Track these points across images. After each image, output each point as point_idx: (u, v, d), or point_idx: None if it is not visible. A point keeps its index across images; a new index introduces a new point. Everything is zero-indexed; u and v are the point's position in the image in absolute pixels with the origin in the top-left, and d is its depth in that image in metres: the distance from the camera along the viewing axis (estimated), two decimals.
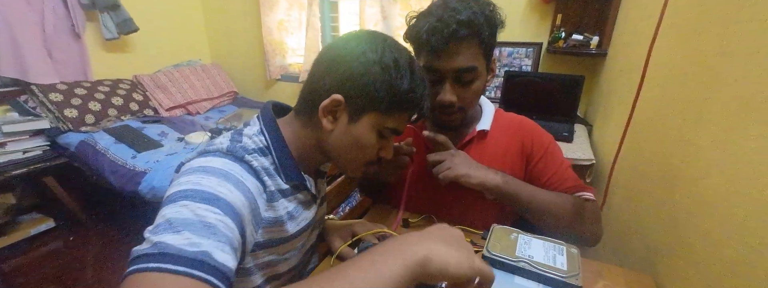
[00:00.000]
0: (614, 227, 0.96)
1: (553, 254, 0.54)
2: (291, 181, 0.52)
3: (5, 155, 1.65)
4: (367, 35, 0.51)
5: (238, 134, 0.52)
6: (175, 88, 2.31)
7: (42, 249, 1.78)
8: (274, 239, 0.52)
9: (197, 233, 0.35)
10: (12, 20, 1.73)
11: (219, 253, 0.35)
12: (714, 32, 0.62)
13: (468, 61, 0.65)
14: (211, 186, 0.40)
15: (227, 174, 0.43)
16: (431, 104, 0.71)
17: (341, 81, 0.49)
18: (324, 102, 0.49)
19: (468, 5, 0.63)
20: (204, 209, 0.37)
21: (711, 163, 0.57)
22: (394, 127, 0.52)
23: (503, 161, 0.75)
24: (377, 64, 0.48)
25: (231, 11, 2.60)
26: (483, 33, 0.64)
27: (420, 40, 0.65)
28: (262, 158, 0.50)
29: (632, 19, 1.24)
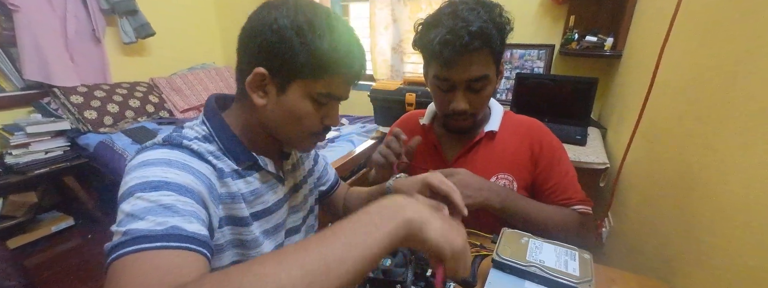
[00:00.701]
0: (628, 233, 0.93)
1: (565, 259, 0.53)
2: (241, 162, 0.52)
3: (29, 155, 1.71)
4: (280, 1, 0.49)
5: (180, 127, 0.53)
6: (190, 90, 2.36)
7: (62, 246, 1.84)
8: (233, 217, 0.52)
9: (159, 215, 0.37)
10: (37, 26, 1.79)
11: (187, 224, 0.37)
12: (733, 34, 0.61)
13: (480, 71, 0.65)
14: (155, 174, 0.41)
15: (169, 161, 0.44)
16: (444, 111, 0.72)
17: (260, 53, 0.47)
18: (248, 78, 0.48)
19: (478, 15, 0.62)
20: (156, 195, 0.39)
21: (731, 167, 0.55)
22: (327, 91, 0.50)
23: (511, 162, 0.75)
24: (290, 29, 0.46)
25: (244, 15, 2.62)
26: (494, 42, 0.64)
27: (432, 51, 0.65)
28: (204, 144, 0.50)
29: (646, 19, 1.22)
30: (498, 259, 0.53)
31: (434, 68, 0.67)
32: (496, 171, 0.75)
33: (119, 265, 0.34)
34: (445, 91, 0.69)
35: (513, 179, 0.75)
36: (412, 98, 1.64)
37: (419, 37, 0.68)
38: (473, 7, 0.64)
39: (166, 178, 0.41)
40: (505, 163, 0.75)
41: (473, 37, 0.61)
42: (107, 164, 1.74)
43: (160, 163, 0.43)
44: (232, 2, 2.67)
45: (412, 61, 2.26)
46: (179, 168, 0.43)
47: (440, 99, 0.71)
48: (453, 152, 0.80)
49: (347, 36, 0.50)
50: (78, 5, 1.95)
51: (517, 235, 0.59)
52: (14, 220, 1.72)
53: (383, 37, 2.21)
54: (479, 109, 0.72)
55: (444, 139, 0.82)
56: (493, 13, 0.64)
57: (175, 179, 0.41)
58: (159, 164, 0.42)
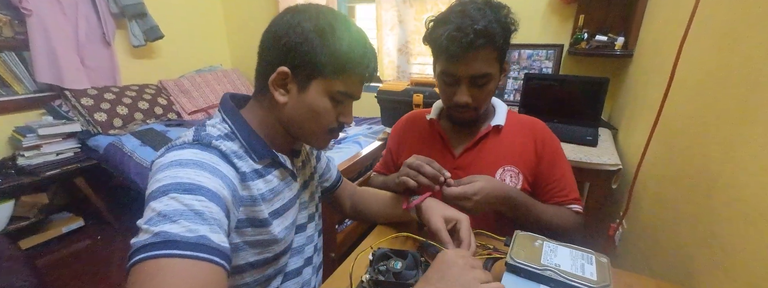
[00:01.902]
0: (644, 236, 0.91)
1: (582, 263, 0.51)
2: (263, 159, 0.55)
3: (41, 157, 1.73)
4: (303, 7, 0.53)
5: (202, 126, 0.54)
6: (198, 92, 2.38)
7: (72, 246, 1.86)
8: (252, 218, 0.53)
9: (192, 221, 0.38)
10: (49, 30, 1.82)
11: (214, 235, 0.39)
12: (754, 33, 0.59)
13: (483, 68, 0.69)
14: (189, 177, 0.42)
15: (201, 163, 0.45)
16: (448, 103, 0.77)
17: (284, 53, 0.51)
18: (272, 76, 0.51)
19: (484, 14, 0.66)
20: (190, 199, 0.40)
21: (752, 169, 0.53)
22: (344, 90, 0.54)
23: (517, 156, 0.78)
24: (313, 32, 0.50)
25: (251, 18, 2.67)
26: (498, 41, 0.67)
27: (439, 46, 0.68)
28: (228, 143, 0.51)
29: (660, 18, 1.19)
30: (512, 263, 0.52)
31: (441, 63, 0.72)
32: (502, 163, 0.78)
33: (150, 267, 0.34)
34: (449, 85, 0.73)
35: (518, 171, 0.77)
36: (420, 99, 1.63)
37: (429, 32, 0.72)
38: (481, 7, 0.67)
39: (199, 182, 0.42)
40: (511, 156, 0.78)
41: (478, 35, 0.64)
42: (116, 165, 1.75)
43: (193, 164, 0.44)
44: (240, 5, 2.69)
45: (418, 62, 2.25)
46: (210, 171, 0.44)
47: (445, 92, 0.76)
48: (460, 145, 0.82)
49: (362, 39, 0.55)
50: (89, 9, 1.98)
51: (531, 237, 0.58)
52: (26, 220, 1.74)
53: (389, 38, 2.21)
54: (481, 104, 0.75)
55: (451, 133, 0.85)
56: (499, 14, 0.67)
57: (206, 184, 0.42)
58: (191, 166, 0.44)
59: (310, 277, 0.70)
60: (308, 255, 0.70)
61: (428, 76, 2.20)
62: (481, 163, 0.79)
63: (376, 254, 0.59)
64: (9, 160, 1.74)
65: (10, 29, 1.78)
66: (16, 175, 1.69)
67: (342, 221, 1.45)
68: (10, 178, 1.65)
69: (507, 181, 0.77)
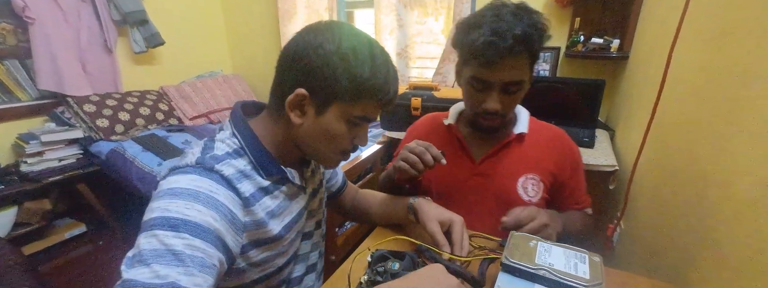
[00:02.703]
0: (641, 236, 0.92)
1: (575, 262, 0.52)
2: (272, 176, 0.54)
3: (43, 163, 1.75)
4: (325, 26, 0.51)
5: (211, 141, 0.53)
6: (198, 98, 2.40)
7: (74, 252, 1.87)
8: (261, 239, 0.53)
9: (164, 264, 0.37)
10: (51, 38, 1.85)
11: (186, 278, 0.37)
12: (743, 35, 0.60)
13: (518, 75, 0.67)
14: (178, 210, 0.41)
15: (196, 193, 0.44)
16: (475, 110, 0.74)
17: (303, 75, 0.49)
18: (289, 97, 0.50)
19: (520, 18, 0.63)
20: (171, 237, 0.39)
21: (743, 168, 0.54)
22: (363, 115, 0.52)
23: (538, 164, 0.78)
24: (335, 55, 0.48)
25: (251, 24, 2.70)
26: (535, 47, 0.65)
27: (473, 51, 0.65)
28: (236, 161, 0.51)
29: (654, 20, 1.21)
30: (507, 263, 0.53)
31: (472, 68, 0.68)
32: (524, 172, 0.77)
33: None
34: (479, 91, 0.71)
35: (539, 180, 0.77)
36: (418, 102, 1.64)
37: (461, 36, 0.69)
38: (516, 12, 0.64)
39: (187, 216, 0.41)
40: (532, 165, 0.78)
41: (517, 41, 0.62)
42: (118, 171, 1.77)
43: (187, 195, 0.43)
44: (240, 11, 2.72)
45: (417, 66, 2.27)
46: (204, 202, 0.44)
47: (473, 98, 0.73)
48: (480, 152, 0.81)
49: (386, 63, 0.52)
50: (91, 17, 2.01)
51: (526, 238, 0.59)
52: (29, 226, 1.75)
53: (388, 43, 2.23)
54: (509, 111, 0.74)
55: (470, 139, 0.83)
56: (534, 19, 0.65)
57: (194, 217, 0.42)
58: (185, 197, 0.43)
59: (313, 283, 0.71)
60: (312, 262, 0.70)
61: (427, 79, 2.22)
62: (503, 171, 0.78)
63: (374, 256, 0.60)
64: (12, 167, 1.76)
65: (13, 37, 1.81)
66: (19, 181, 1.70)
67: (342, 224, 1.46)
68: (13, 185, 1.67)
69: (529, 189, 0.77)
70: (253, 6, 2.62)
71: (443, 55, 2.06)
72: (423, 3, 2.07)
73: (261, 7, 2.58)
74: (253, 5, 2.62)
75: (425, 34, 2.16)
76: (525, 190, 0.77)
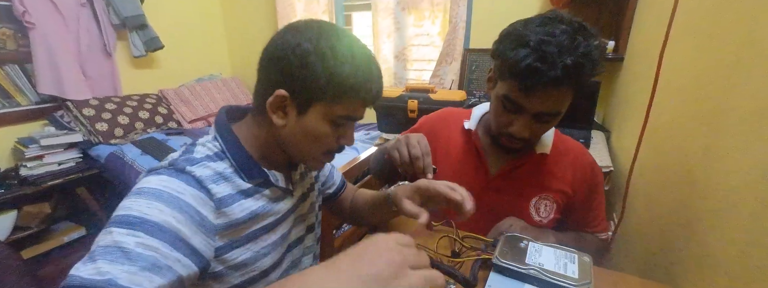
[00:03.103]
0: (635, 237, 0.93)
1: (565, 262, 0.53)
2: (253, 179, 0.53)
3: (43, 167, 1.76)
4: (304, 25, 0.50)
5: (193, 144, 0.53)
6: (197, 101, 2.41)
7: (74, 256, 1.87)
8: (237, 240, 0.52)
9: (109, 260, 0.37)
10: (51, 42, 1.86)
11: (126, 276, 0.37)
12: (728, 37, 0.61)
13: (557, 106, 0.61)
14: (139, 209, 0.41)
15: (160, 192, 0.44)
16: (500, 130, 0.68)
17: (282, 75, 0.48)
18: (269, 99, 0.49)
19: (576, 44, 0.55)
20: (125, 234, 0.39)
21: (729, 168, 0.55)
22: (346, 114, 0.51)
23: (554, 185, 0.75)
24: (313, 54, 0.47)
25: (250, 27, 2.72)
26: (584, 79, 0.58)
27: (513, 71, 0.59)
28: (215, 164, 0.50)
29: (647, 23, 1.22)
30: (498, 263, 0.53)
31: (508, 87, 0.62)
32: (539, 192, 0.74)
33: None
34: (509, 112, 0.65)
35: (553, 201, 0.75)
36: (415, 105, 1.66)
37: (502, 48, 0.62)
38: (572, 35, 0.56)
39: (145, 215, 0.41)
40: (548, 186, 0.74)
41: (566, 73, 0.55)
42: (117, 175, 1.78)
43: (150, 194, 0.43)
44: (240, 14, 2.74)
45: (415, 68, 2.29)
46: (166, 202, 0.43)
47: (501, 117, 0.67)
48: (497, 166, 0.77)
49: (367, 61, 0.50)
50: (90, 21, 2.02)
51: (517, 238, 0.59)
52: (29, 230, 1.76)
53: (386, 46, 2.25)
54: (537, 138, 0.70)
55: (489, 150, 0.78)
56: (591, 45, 0.56)
57: (154, 217, 0.41)
58: (148, 196, 0.43)
59: None
60: (304, 266, 0.70)
61: (424, 82, 2.23)
62: (517, 189, 0.75)
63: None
64: (12, 171, 1.77)
65: (13, 42, 1.82)
66: (18, 185, 1.71)
67: (340, 226, 1.46)
68: (13, 189, 1.68)
69: (541, 210, 0.75)
70: (252, 10, 2.65)
71: (440, 57, 2.07)
72: (419, 7, 2.09)
73: (260, 11, 2.60)
74: (252, 9, 2.64)
75: (422, 37, 2.18)
76: (537, 211, 0.75)
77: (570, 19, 0.59)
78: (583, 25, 0.58)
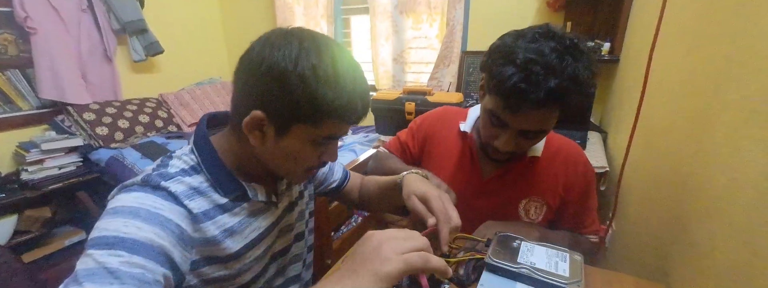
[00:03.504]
0: (628, 236, 0.93)
1: (556, 261, 0.54)
2: (230, 193, 0.51)
3: (44, 171, 1.77)
4: (281, 38, 0.45)
5: (168, 157, 0.51)
6: (197, 104, 2.43)
7: (74, 259, 1.85)
8: (216, 257, 0.50)
9: (98, 282, 0.36)
10: (52, 47, 1.88)
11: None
12: (716, 39, 0.62)
13: (542, 125, 0.61)
14: (116, 229, 0.40)
15: (136, 210, 0.42)
16: (487, 141, 0.69)
17: (258, 96, 0.44)
18: (245, 119, 0.45)
19: (565, 64, 0.54)
20: (106, 255, 0.38)
21: (718, 167, 0.56)
22: (329, 134, 0.48)
23: (545, 188, 0.75)
24: (293, 75, 0.42)
25: (249, 31, 2.73)
26: (570, 102, 0.56)
27: (498, 89, 0.58)
28: (190, 178, 0.48)
29: (640, 24, 1.24)
30: (490, 262, 0.54)
31: (494, 103, 0.61)
32: (529, 194, 0.75)
33: None
34: (495, 126, 0.65)
35: (543, 203, 0.76)
36: (412, 107, 1.67)
37: (491, 63, 0.60)
38: (562, 53, 0.54)
39: (124, 233, 0.40)
40: (539, 188, 0.75)
41: (549, 96, 0.54)
42: (118, 178, 1.79)
43: (127, 213, 0.42)
44: (239, 18, 2.76)
45: (413, 70, 2.30)
46: (144, 219, 0.42)
47: (488, 130, 0.67)
48: (489, 169, 0.78)
49: (352, 78, 0.46)
50: (91, 26, 2.05)
51: (510, 238, 0.60)
52: (29, 234, 1.77)
53: (384, 48, 2.26)
54: (525, 150, 0.71)
55: (482, 153, 0.78)
56: (579, 65, 0.55)
57: (134, 234, 0.40)
58: (124, 215, 0.41)
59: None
60: (295, 273, 0.69)
61: (422, 84, 2.25)
62: (508, 192, 0.76)
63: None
64: (12, 175, 1.78)
65: (15, 48, 1.84)
66: (19, 189, 1.72)
67: (338, 228, 1.47)
68: (14, 193, 1.69)
69: (531, 212, 0.76)
70: (251, 13, 2.67)
71: (438, 60, 2.09)
72: (417, 10, 2.11)
73: (259, 15, 2.62)
74: (251, 13, 2.66)
75: (420, 40, 2.19)
76: (526, 213, 0.76)
77: (562, 35, 0.57)
78: (574, 43, 0.56)
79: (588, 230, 0.78)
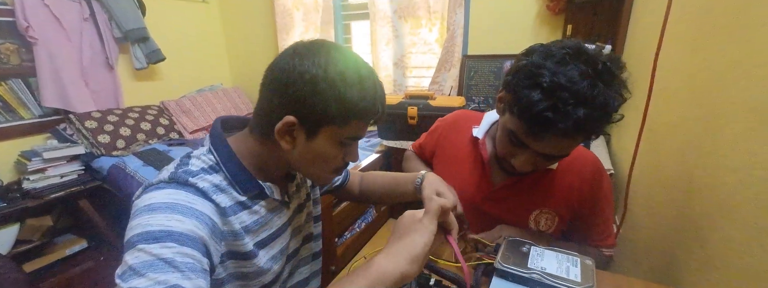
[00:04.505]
0: (636, 239, 0.92)
1: (567, 266, 0.53)
2: (248, 191, 0.53)
3: (45, 180, 1.76)
4: (309, 49, 0.49)
5: (187, 157, 0.53)
6: (199, 111, 2.43)
7: (75, 268, 1.86)
8: (236, 252, 0.52)
9: (160, 271, 0.38)
10: (55, 56, 1.89)
11: (187, 282, 0.38)
12: (722, 40, 0.62)
13: (563, 151, 0.59)
14: (160, 223, 0.41)
15: (173, 205, 0.44)
16: (503, 156, 0.67)
17: (291, 102, 0.48)
18: (277, 125, 0.49)
19: (595, 91, 0.50)
20: (159, 247, 0.39)
21: (727, 169, 0.55)
22: (353, 135, 0.52)
23: (557, 199, 0.72)
24: (323, 81, 0.47)
25: (250, 38, 2.75)
26: (598, 131, 0.55)
27: (523, 113, 0.55)
28: (211, 176, 0.50)
29: (642, 26, 1.24)
30: (500, 267, 0.53)
31: (515, 124, 0.58)
32: (540, 206, 0.73)
33: None
34: (513, 145, 0.62)
35: (555, 215, 0.73)
36: (414, 111, 1.66)
37: (515, 83, 0.57)
38: (594, 79, 0.51)
39: (169, 227, 0.41)
40: (551, 200, 0.72)
41: (577, 127, 0.51)
42: (120, 186, 1.78)
43: (165, 208, 0.43)
44: (239, 26, 2.77)
45: (414, 75, 2.30)
46: (183, 213, 0.44)
47: (506, 147, 0.65)
48: (500, 178, 0.76)
49: (373, 83, 0.51)
50: (93, 35, 2.05)
51: (519, 243, 0.59)
52: (31, 243, 1.75)
53: (385, 53, 2.27)
54: (542, 169, 0.69)
55: (494, 160, 0.76)
56: (610, 94, 0.52)
57: (177, 227, 0.42)
58: (163, 210, 0.43)
59: None
60: (302, 277, 0.70)
61: (423, 88, 2.25)
62: (518, 201, 0.73)
63: None
64: (14, 184, 1.77)
65: (17, 57, 1.84)
66: (21, 198, 1.71)
67: (342, 234, 1.46)
68: (16, 202, 1.68)
69: (541, 223, 0.73)
70: (252, 20, 2.68)
71: (439, 64, 2.09)
72: (416, 14, 2.12)
73: (259, 22, 2.64)
74: (252, 19, 2.68)
75: (420, 45, 2.20)
76: (536, 224, 0.74)
77: (595, 57, 0.53)
78: (606, 65, 0.53)
79: (603, 243, 0.74)
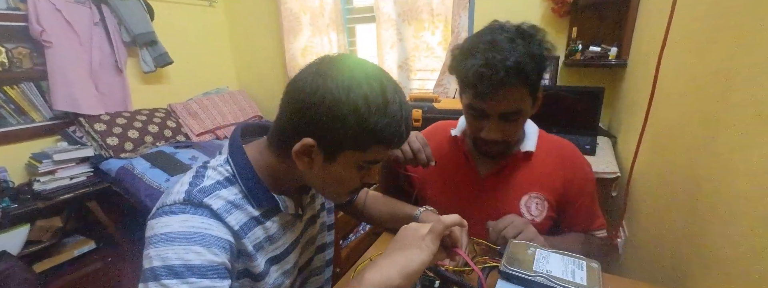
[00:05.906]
0: (642, 242, 0.92)
1: (572, 269, 0.53)
2: (262, 206, 0.52)
3: (55, 182, 1.79)
4: (332, 67, 0.46)
5: (204, 168, 0.52)
6: (205, 114, 2.46)
7: (84, 269, 1.89)
8: (248, 272, 0.53)
9: None
10: (66, 60, 1.92)
11: None
12: (727, 41, 0.62)
13: (514, 105, 0.65)
14: (179, 257, 0.42)
15: (189, 235, 0.44)
16: (475, 135, 0.73)
17: (310, 124, 0.46)
18: (296, 146, 0.47)
19: (515, 46, 0.60)
20: (180, 284, 0.40)
21: (734, 172, 0.55)
22: (374, 159, 0.50)
23: (544, 183, 0.76)
24: (346, 106, 0.44)
25: (256, 41, 2.78)
26: (531, 77, 0.62)
27: (466, 80, 0.64)
28: (226, 191, 0.49)
29: (647, 28, 1.23)
30: (505, 270, 0.53)
31: (468, 97, 0.67)
32: (529, 190, 0.76)
33: None
34: (477, 119, 0.69)
35: (544, 199, 0.76)
36: (419, 114, 1.67)
37: (456, 63, 0.67)
38: (512, 37, 0.61)
39: (188, 261, 0.42)
40: (538, 184, 0.76)
41: (509, 73, 0.59)
42: (127, 188, 1.81)
43: (182, 239, 0.43)
44: (246, 29, 2.80)
45: (418, 77, 2.31)
46: (200, 243, 0.44)
47: (473, 124, 0.72)
48: (486, 168, 0.79)
49: (399, 106, 0.47)
50: (103, 39, 2.09)
51: (524, 245, 0.59)
52: (40, 244, 1.78)
53: (390, 56, 2.28)
54: (512, 137, 0.72)
55: (476, 153, 0.81)
56: (531, 45, 0.61)
57: (196, 260, 0.42)
58: (180, 241, 0.43)
59: None
60: (316, 286, 0.71)
61: (427, 91, 2.25)
62: (507, 188, 0.77)
63: None
64: (25, 186, 1.80)
65: (29, 61, 1.88)
66: (31, 200, 1.74)
67: (346, 236, 1.46)
68: (27, 203, 1.71)
69: (532, 209, 0.76)
70: (258, 24, 2.71)
71: (443, 67, 2.10)
72: (420, 18, 2.13)
73: (265, 25, 2.66)
74: (258, 23, 2.70)
75: (424, 48, 2.20)
76: (528, 209, 0.76)
77: (511, 26, 0.64)
78: (522, 29, 0.63)
79: (594, 226, 0.79)
